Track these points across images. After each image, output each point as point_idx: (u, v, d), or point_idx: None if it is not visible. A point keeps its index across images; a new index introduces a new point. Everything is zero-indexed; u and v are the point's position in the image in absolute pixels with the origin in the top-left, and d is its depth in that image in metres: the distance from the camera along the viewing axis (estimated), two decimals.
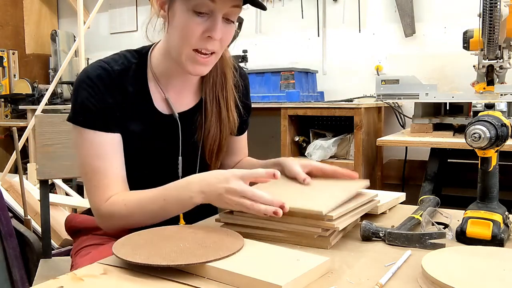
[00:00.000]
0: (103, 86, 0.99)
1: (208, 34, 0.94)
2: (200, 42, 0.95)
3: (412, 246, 0.83)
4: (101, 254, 0.91)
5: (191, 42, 0.95)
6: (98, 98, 0.98)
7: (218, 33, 0.94)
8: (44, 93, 3.45)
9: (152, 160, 1.08)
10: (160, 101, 1.07)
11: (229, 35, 0.99)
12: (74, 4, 3.76)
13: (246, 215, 0.89)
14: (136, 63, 1.06)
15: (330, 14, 3.05)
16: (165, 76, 1.07)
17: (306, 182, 0.99)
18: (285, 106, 2.55)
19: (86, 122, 0.99)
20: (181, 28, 0.95)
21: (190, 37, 0.95)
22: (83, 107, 0.98)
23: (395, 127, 2.80)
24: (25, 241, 1.78)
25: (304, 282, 0.67)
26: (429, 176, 2.02)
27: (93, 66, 1.02)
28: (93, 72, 1.00)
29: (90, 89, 0.99)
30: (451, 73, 2.70)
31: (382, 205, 1.03)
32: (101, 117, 0.98)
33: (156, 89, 1.07)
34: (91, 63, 1.06)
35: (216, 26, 0.94)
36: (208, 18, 0.94)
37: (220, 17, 0.94)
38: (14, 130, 2.14)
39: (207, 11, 0.93)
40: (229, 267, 0.67)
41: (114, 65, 1.02)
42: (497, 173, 0.86)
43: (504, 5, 1.67)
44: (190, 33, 0.94)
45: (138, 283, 0.68)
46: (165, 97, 1.07)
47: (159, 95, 1.07)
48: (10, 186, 2.27)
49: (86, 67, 1.05)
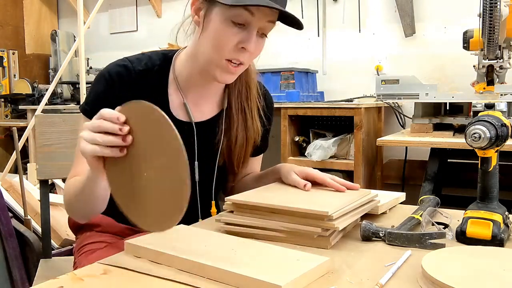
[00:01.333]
0: (120, 83, 1.00)
1: (242, 45, 0.95)
2: (232, 52, 0.95)
3: (412, 246, 0.83)
4: (105, 252, 0.91)
5: (224, 51, 0.95)
6: (112, 94, 0.99)
7: (253, 46, 0.95)
8: (44, 93, 3.44)
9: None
10: (177, 106, 1.07)
11: (260, 49, 1.00)
12: (74, 4, 3.76)
13: (247, 215, 0.89)
14: (160, 64, 1.06)
15: (330, 14, 3.05)
16: (187, 81, 1.07)
17: (306, 188, 0.99)
18: (285, 106, 2.55)
19: (92, 113, 0.99)
20: (216, 36, 0.95)
21: (224, 46, 0.95)
22: (94, 99, 1.01)
23: (395, 127, 2.80)
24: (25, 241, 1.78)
25: (304, 282, 0.67)
26: (429, 176, 2.02)
27: (117, 63, 1.04)
28: (115, 68, 1.02)
29: (106, 84, 1.01)
30: (451, 73, 2.70)
31: (382, 205, 1.03)
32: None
33: (175, 93, 1.07)
34: (118, 59, 1.07)
35: (251, 39, 0.94)
36: (244, 30, 0.94)
37: (255, 30, 0.95)
38: (14, 130, 2.14)
39: (244, 23, 0.94)
40: (228, 267, 0.67)
41: (137, 65, 1.03)
42: (497, 173, 0.86)
43: (504, 5, 1.67)
44: (224, 42, 0.94)
45: (138, 283, 0.68)
46: (183, 101, 1.07)
47: (177, 99, 1.07)
48: (10, 186, 2.27)
49: (112, 62, 1.05)
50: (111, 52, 3.97)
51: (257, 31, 0.96)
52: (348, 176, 2.51)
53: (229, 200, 0.92)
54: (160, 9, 3.76)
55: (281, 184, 1.06)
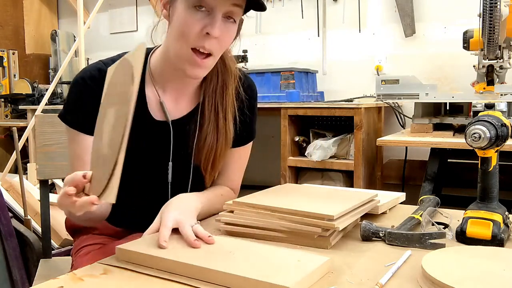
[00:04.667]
0: (95, 86, 0.97)
1: (206, 30, 0.92)
2: (198, 39, 0.93)
3: (412, 246, 0.83)
4: (101, 254, 0.91)
5: (189, 38, 0.93)
6: (88, 99, 0.98)
7: (216, 30, 0.91)
8: (44, 93, 3.45)
9: (142, 164, 1.06)
10: (155, 105, 1.06)
11: (229, 35, 0.96)
12: (74, 4, 3.76)
13: (247, 215, 0.89)
14: None
15: (330, 14, 3.05)
16: (162, 79, 1.05)
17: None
18: (285, 106, 2.55)
19: (72, 122, 1.01)
20: (180, 25, 0.94)
21: (188, 33, 0.92)
22: (72, 107, 1.01)
23: (395, 127, 2.80)
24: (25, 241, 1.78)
25: (308, 283, 0.66)
26: (429, 176, 2.02)
27: (90, 67, 1.03)
28: (88, 72, 1.01)
29: (82, 90, 1.00)
30: (451, 73, 2.70)
31: (382, 205, 1.03)
32: (87, 120, 0.97)
33: (152, 93, 1.05)
34: (91, 63, 1.06)
35: (215, 23, 0.91)
36: (208, 15, 0.92)
37: (219, 14, 0.92)
38: (14, 130, 2.14)
39: (207, 7, 0.91)
40: (228, 269, 0.67)
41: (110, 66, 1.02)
42: (497, 173, 0.86)
43: (504, 5, 1.67)
44: (188, 29, 0.92)
45: (138, 283, 0.68)
46: (160, 100, 1.05)
47: (154, 98, 1.06)
48: (10, 186, 2.27)
49: (86, 66, 1.05)
50: (111, 52, 3.91)
51: (225, 17, 0.93)
52: (348, 176, 2.51)
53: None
54: (160, 9, 3.75)
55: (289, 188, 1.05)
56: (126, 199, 0.93)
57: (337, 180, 2.54)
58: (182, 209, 0.89)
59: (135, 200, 1.07)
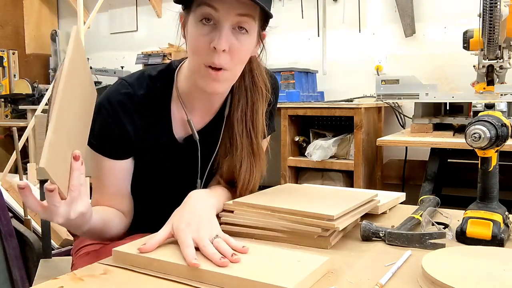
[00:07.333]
0: (123, 112, 0.96)
1: (213, 45, 0.87)
2: (207, 55, 0.89)
3: (412, 246, 0.83)
4: (101, 254, 0.91)
5: (200, 55, 0.90)
6: (115, 126, 0.96)
7: (222, 43, 0.86)
8: (44, 93, 3.45)
9: (169, 183, 1.05)
10: (181, 124, 1.03)
11: (241, 48, 0.90)
12: (74, 4, 3.76)
13: (247, 214, 0.89)
14: (161, 83, 1.02)
15: (330, 14, 3.05)
16: (189, 96, 1.02)
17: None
18: (285, 106, 2.55)
19: (99, 149, 0.98)
20: (191, 41, 0.91)
21: (198, 49, 0.90)
22: (99, 133, 0.97)
23: (395, 127, 2.80)
24: (25, 241, 1.78)
25: (308, 283, 0.66)
26: (429, 176, 2.02)
27: (116, 89, 0.99)
28: (115, 97, 0.97)
29: (109, 116, 0.96)
30: (451, 73, 2.70)
31: (382, 205, 1.03)
32: (115, 146, 0.97)
33: (178, 111, 1.02)
34: (114, 83, 1.02)
35: (220, 36, 0.87)
36: (214, 29, 0.88)
37: (226, 26, 0.87)
38: (14, 130, 2.14)
39: (214, 21, 0.88)
40: (229, 270, 0.67)
41: (137, 89, 0.98)
42: (497, 173, 0.86)
43: (504, 5, 1.67)
44: (198, 43, 0.89)
45: (138, 283, 0.68)
46: (187, 118, 1.02)
47: (180, 117, 1.03)
48: (10, 186, 2.27)
49: (109, 88, 1.00)
50: (111, 52, 3.97)
51: (235, 28, 0.89)
52: (348, 176, 2.51)
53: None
54: (160, 9, 3.76)
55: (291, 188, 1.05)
56: (155, 215, 0.92)
57: (337, 180, 2.55)
58: (197, 216, 0.82)
59: (163, 217, 1.03)
